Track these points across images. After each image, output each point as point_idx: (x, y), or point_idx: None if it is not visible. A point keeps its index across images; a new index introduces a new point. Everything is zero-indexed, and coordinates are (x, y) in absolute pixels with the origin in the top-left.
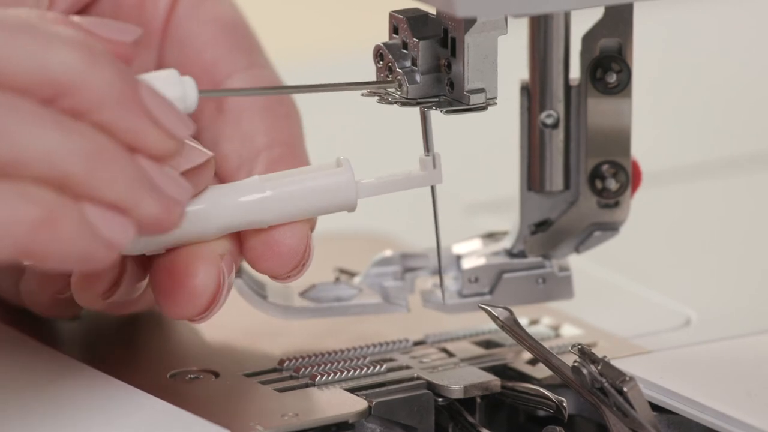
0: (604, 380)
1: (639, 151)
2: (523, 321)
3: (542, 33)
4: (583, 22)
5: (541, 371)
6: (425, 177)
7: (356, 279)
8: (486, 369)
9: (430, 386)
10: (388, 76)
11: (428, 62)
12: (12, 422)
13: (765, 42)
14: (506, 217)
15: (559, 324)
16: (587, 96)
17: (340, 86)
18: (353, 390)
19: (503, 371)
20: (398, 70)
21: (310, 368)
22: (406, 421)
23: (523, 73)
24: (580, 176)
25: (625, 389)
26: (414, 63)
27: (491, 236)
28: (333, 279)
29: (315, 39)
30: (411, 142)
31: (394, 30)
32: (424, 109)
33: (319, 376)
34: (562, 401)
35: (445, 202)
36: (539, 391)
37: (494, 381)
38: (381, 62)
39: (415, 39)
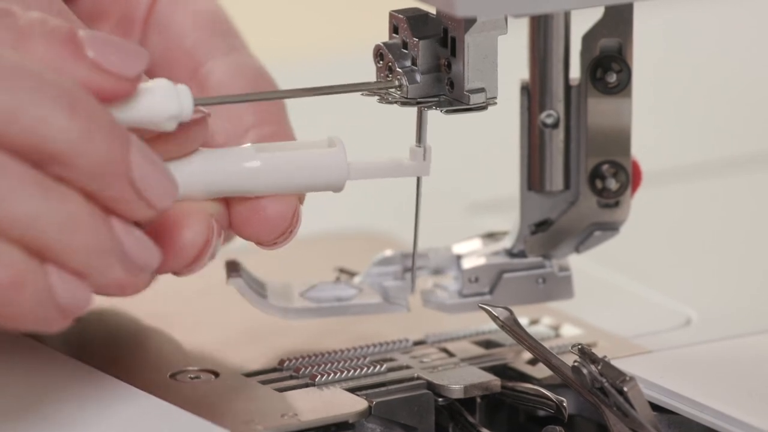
0: (605, 380)
1: (639, 151)
2: (523, 321)
3: (542, 33)
4: (583, 22)
5: (541, 371)
6: (414, 167)
7: (356, 279)
8: (486, 369)
9: (431, 386)
10: (388, 76)
11: (428, 62)
12: (12, 422)
13: (765, 42)
14: (506, 217)
15: (559, 324)
16: (587, 96)
17: (338, 89)
18: (353, 390)
19: (503, 371)
20: (398, 70)
21: (310, 368)
22: (406, 421)
23: (523, 73)
24: (580, 176)
25: (626, 389)
26: (414, 63)
27: (491, 236)
28: (333, 279)
29: (315, 39)
30: (411, 142)
31: (394, 30)
32: (423, 108)
33: (319, 376)
34: (562, 401)
35: (446, 202)
36: (539, 391)
37: (494, 381)
38: (381, 62)
39: (415, 39)
